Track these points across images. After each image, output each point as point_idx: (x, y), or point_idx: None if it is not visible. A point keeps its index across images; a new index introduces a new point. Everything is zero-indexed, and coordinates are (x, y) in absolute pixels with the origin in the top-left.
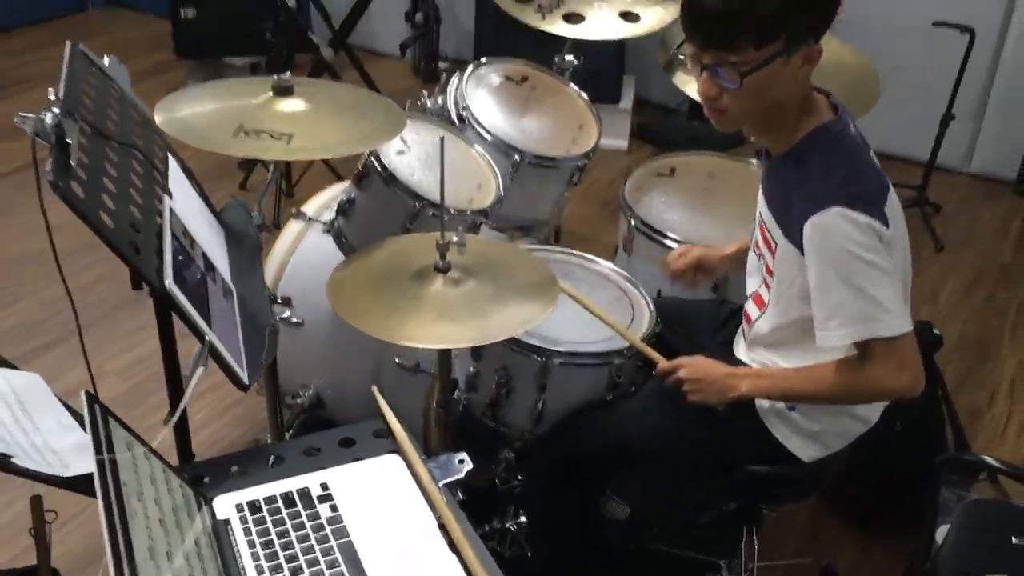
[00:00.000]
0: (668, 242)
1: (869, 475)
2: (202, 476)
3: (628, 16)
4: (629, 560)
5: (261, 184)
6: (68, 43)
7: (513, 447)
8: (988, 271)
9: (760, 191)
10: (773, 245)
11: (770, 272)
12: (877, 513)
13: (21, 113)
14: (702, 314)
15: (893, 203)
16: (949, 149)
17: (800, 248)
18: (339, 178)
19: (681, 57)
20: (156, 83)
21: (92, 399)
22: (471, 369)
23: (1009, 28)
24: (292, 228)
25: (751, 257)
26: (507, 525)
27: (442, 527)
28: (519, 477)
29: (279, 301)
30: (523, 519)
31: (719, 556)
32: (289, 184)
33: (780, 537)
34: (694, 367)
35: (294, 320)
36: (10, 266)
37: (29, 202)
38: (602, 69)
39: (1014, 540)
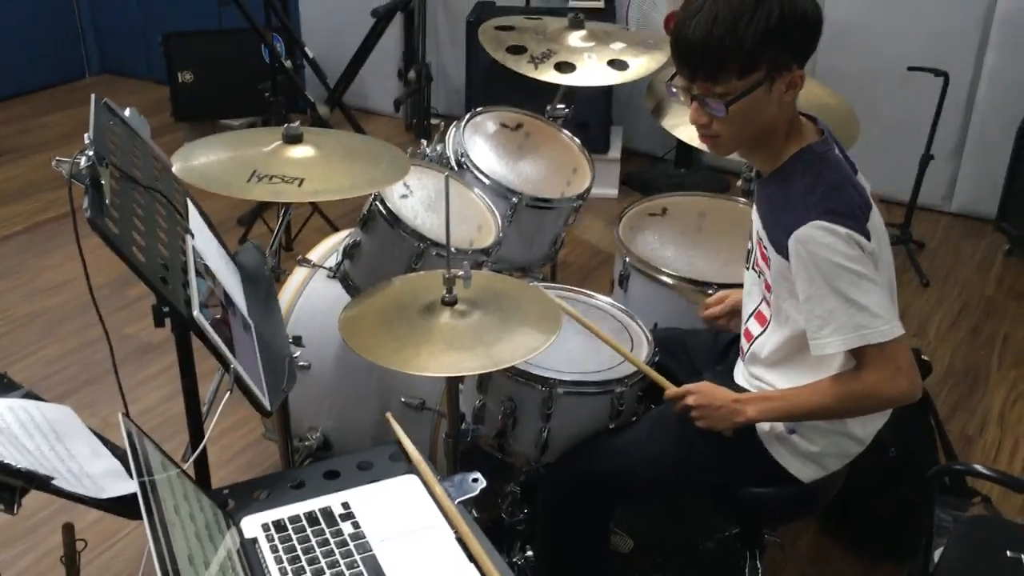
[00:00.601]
0: (663, 278)
1: (868, 501)
2: (227, 500)
3: (616, 64)
4: None
5: (259, 236)
6: (93, 96)
7: (519, 480)
8: (973, 304)
9: (754, 209)
10: (768, 260)
11: (768, 288)
12: (877, 538)
13: (58, 158)
14: (701, 344)
15: (875, 221)
16: (930, 189)
17: (788, 261)
18: (336, 230)
19: (674, 89)
20: (157, 146)
21: (128, 420)
22: (477, 402)
23: (982, 70)
24: (297, 275)
25: (749, 275)
26: (514, 559)
27: (460, 541)
28: (525, 511)
29: (291, 340)
30: (530, 553)
31: None
32: (288, 238)
33: (782, 564)
34: (702, 393)
35: (301, 363)
36: (15, 326)
37: (33, 262)
38: (590, 121)
39: (1009, 554)
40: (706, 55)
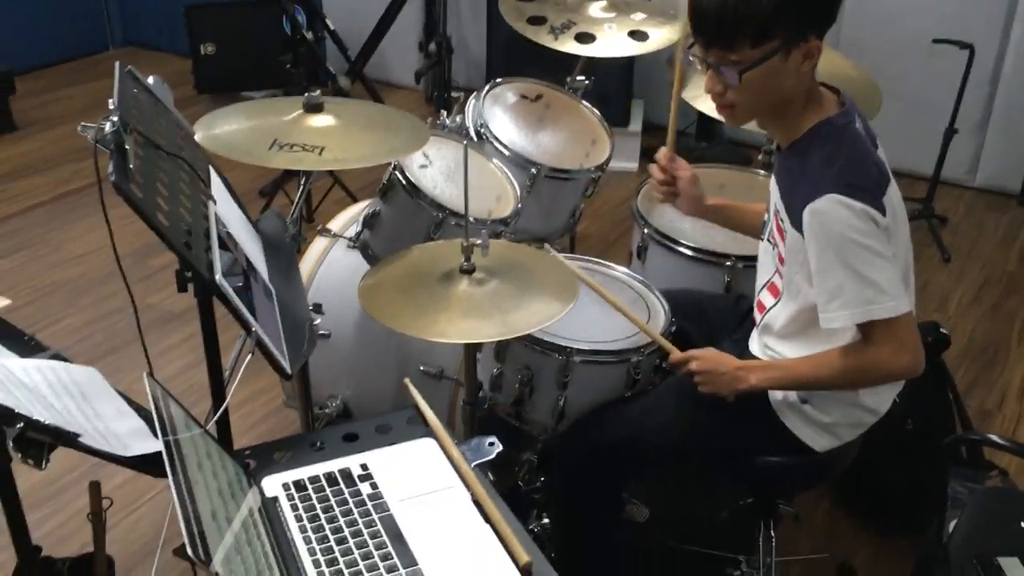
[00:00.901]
0: (681, 249)
1: (883, 474)
2: (248, 461)
3: (637, 35)
4: (651, 560)
5: (280, 206)
6: (117, 64)
7: (535, 449)
8: (995, 279)
9: (773, 181)
10: (784, 233)
11: (782, 260)
12: (892, 511)
13: (84, 124)
14: (720, 310)
15: (892, 196)
16: (954, 163)
17: (803, 234)
18: (356, 202)
19: (691, 57)
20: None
21: (153, 380)
22: (495, 370)
23: (1008, 43)
24: (318, 244)
25: (764, 246)
26: (531, 527)
27: (476, 503)
28: (542, 479)
29: (311, 308)
30: (546, 520)
31: (738, 552)
32: (310, 209)
33: (797, 535)
34: (705, 359)
35: (321, 332)
36: (40, 295)
37: (56, 233)
38: (611, 94)
39: (1022, 524)
40: (721, 23)
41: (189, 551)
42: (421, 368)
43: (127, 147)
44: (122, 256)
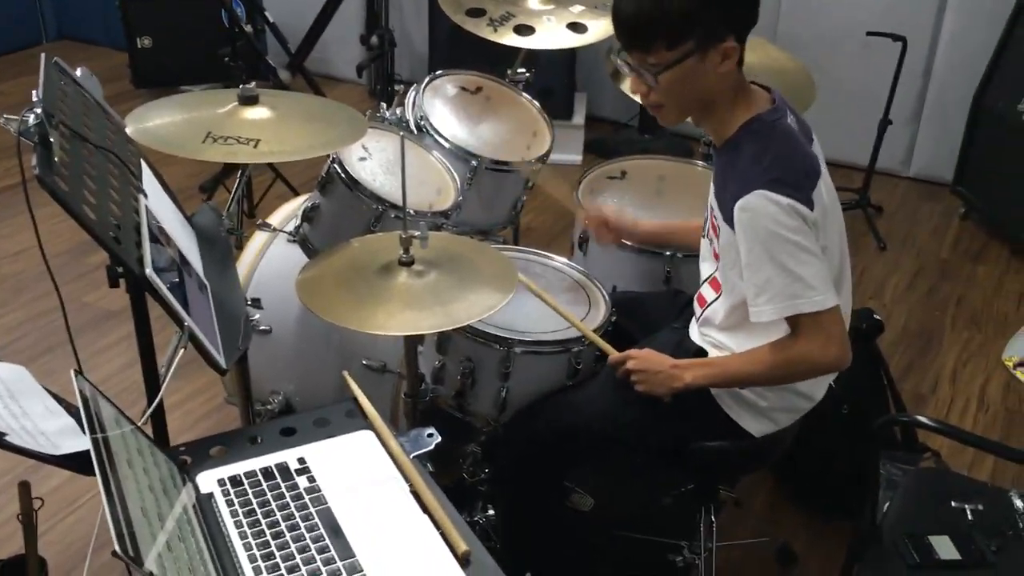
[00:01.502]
0: (623, 241)
1: (820, 458)
2: (184, 457)
3: (576, 27)
4: (596, 548)
5: (222, 204)
6: (43, 55)
7: (479, 441)
8: (929, 267)
9: (712, 179)
10: (718, 229)
11: (716, 256)
12: (830, 495)
13: (5, 116)
14: (659, 304)
15: (823, 190)
16: (888, 153)
17: (734, 230)
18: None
19: (618, 62)
20: (117, 113)
21: (81, 376)
22: (437, 363)
23: (940, 35)
24: (258, 239)
25: (704, 243)
26: (476, 518)
27: (415, 494)
28: (486, 471)
29: (249, 303)
30: (491, 512)
31: (680, 538)
32: (251, 204)
33: (739, 520)
34: (641, 359)
35: (262, 328)
36: None
37: None
38: (554, 87)
39: (953, 504)
40: (636, 27)
41: (118, 549)
42: (364, 362)
43: (51, 140)
44: (59, 253)
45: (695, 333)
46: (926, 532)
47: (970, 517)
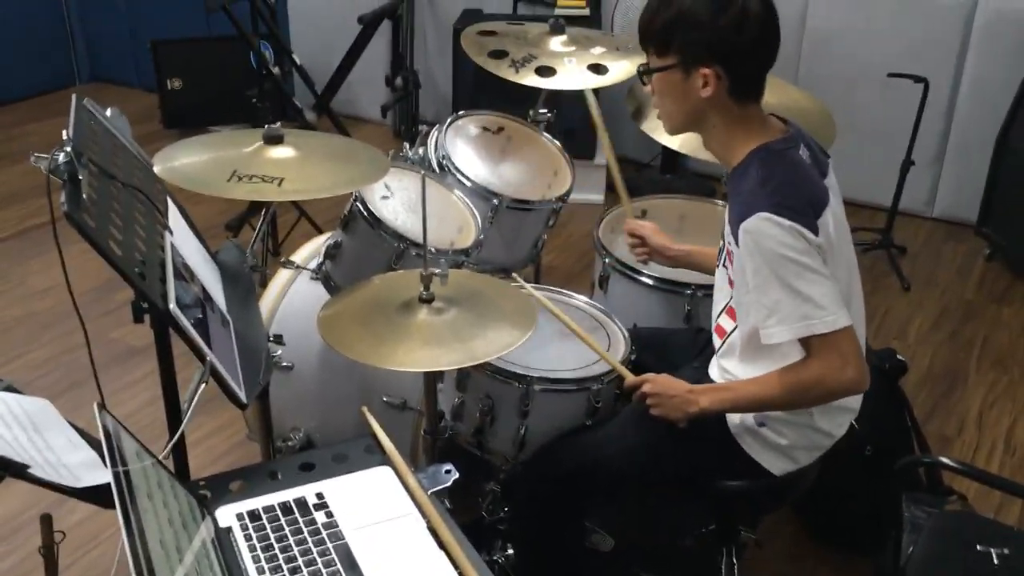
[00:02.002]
0: (642, 278)
1: (844, 500)
2: (204, 491)
3: (597, 68)
4: None
5: (247, 242)
6: (74, 96)
7: (498, 479)
8: (953, 308)
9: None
10: (732, 255)
11: (731, 283)
12: (853, 536)
13: (36, 154)
14: (679, 342)
15: (830, 220)
16: (912, 194)
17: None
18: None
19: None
20: (146, 153)
21: (104, 410)
22: (456, 400)
23: (962, 76)
24: (281, 276)
25: (720, 272)
26: (495, 558)
27: (431, 530)
28: (506, 509)
29: (271, 339)
30: (510, 551)
31: None
32: (275, 242)
33: (761, 562)
34: (657, 383)
35: (284, 364)
36: (2, 330)
37: (20, 267)
38: (576, 128)
39: (979, 547)
40: (641, 31)
41: None
42: (384, 399)
43: (80, 177)
44: (87, 290)
45: (715, 370)
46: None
47: (996, 561)
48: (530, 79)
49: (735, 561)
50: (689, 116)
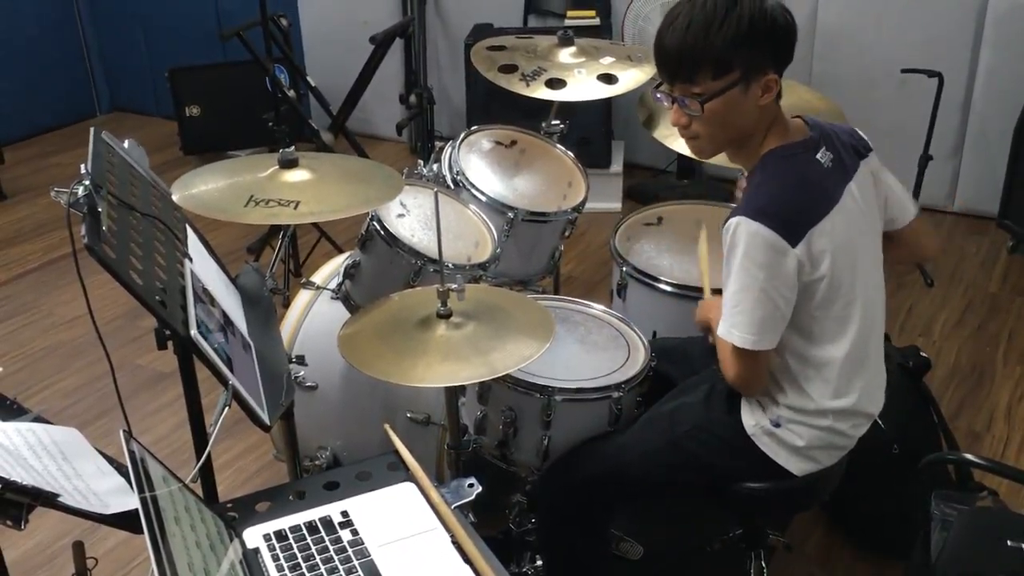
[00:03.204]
0: (660, 286)
1: (873, 500)
2: (231, 513)
3: (608, 79)
4: None
5: (268, 264)
6: (92, 129)
7: (524, 490)
8: (978, 302)
9: None
10: None
11: None
12: (883, 536)
13: (56, 188)
14: (698, 349)
15: (827, 231)
16: (931, 189)
17: None
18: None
19: (659, 95)
20: (166, 180)
21: (130, 437)
22: (479, 413)
23: (977, 70)
24: (302, 297)
25: None
26: (524, 569)
27: (456, 544)
28: (532, 520)
29: (294, 360)
30: (539, 563)
31: None
32: (296, 263)
33: (792, 565)
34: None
35: (308, 384)
36: (32, 360)
37: (47, 298)
38: (591, 136)
39: (1009, 543)
40: (681, 58)
41: None
42: (408, 415)
43: (100, 210)
44: (113, 318)
45: None
46: (982, 573)
47: None
48: (541, 92)
49: (764, 565)
50: (738, 133)
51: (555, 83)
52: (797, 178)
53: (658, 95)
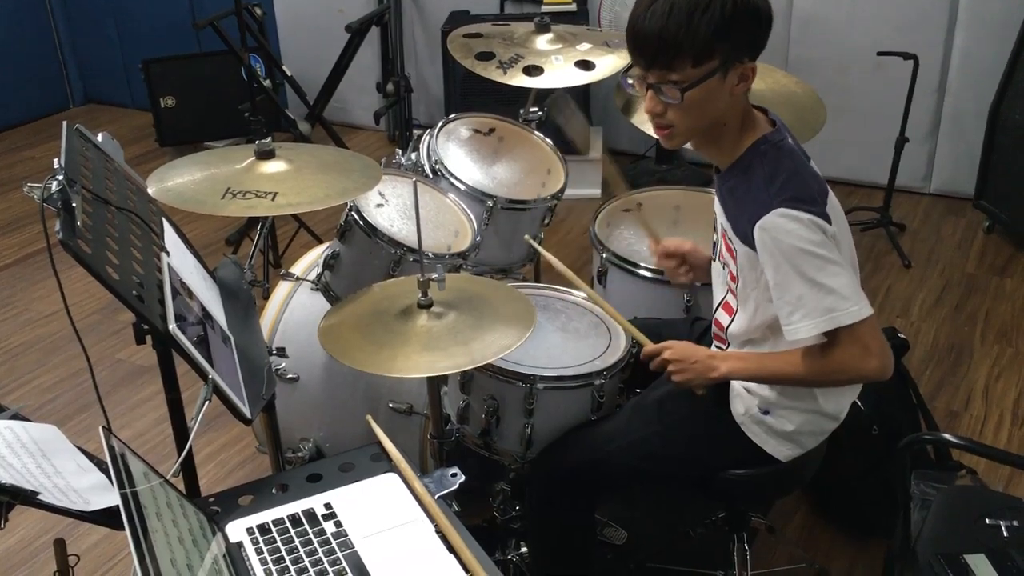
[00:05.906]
0: (640, 272)
1: (853, 480)
2: (213, 507)
3: (585, 65)
4: None
5: (247, 255)
6: (64, 122)
7: (508, 478)
8: (955, 282)
9: (716, 202)
10: (734, 251)
11: (734, 278)
12: (865, 517)
13: (29, 184)
14: (678, 331)
15: (834, 204)
16: (908, 170)
17: (755, 250)
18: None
19: (630, 81)
20: (142, 172)
21: (109, 433)
22: (461, 402)
23: (952, 51)
24: (282, 289)
25: (715, 267)
26: (509, 556)
27: (440, 534)
28: (516, 508)
29: (274, 352)
30: (524, 549)
31: (716, 568)
32: (276, 254)
33: (774, 547)
34: (677, 349)
35: (290, 376)
36: (10, 356)
37: (24, 293)
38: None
39: (988, 520)
40: (662, 44)
41: None
42: (390, 405)
43: (74, 204)
44: (91, 312)
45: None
46: (961, 551)
47: (1005, 534)
48: (518, 79)
49: (747, 547)
50: (712, 123)
51: (532, 70)
52: (799, 162)
53: (629, 80)
